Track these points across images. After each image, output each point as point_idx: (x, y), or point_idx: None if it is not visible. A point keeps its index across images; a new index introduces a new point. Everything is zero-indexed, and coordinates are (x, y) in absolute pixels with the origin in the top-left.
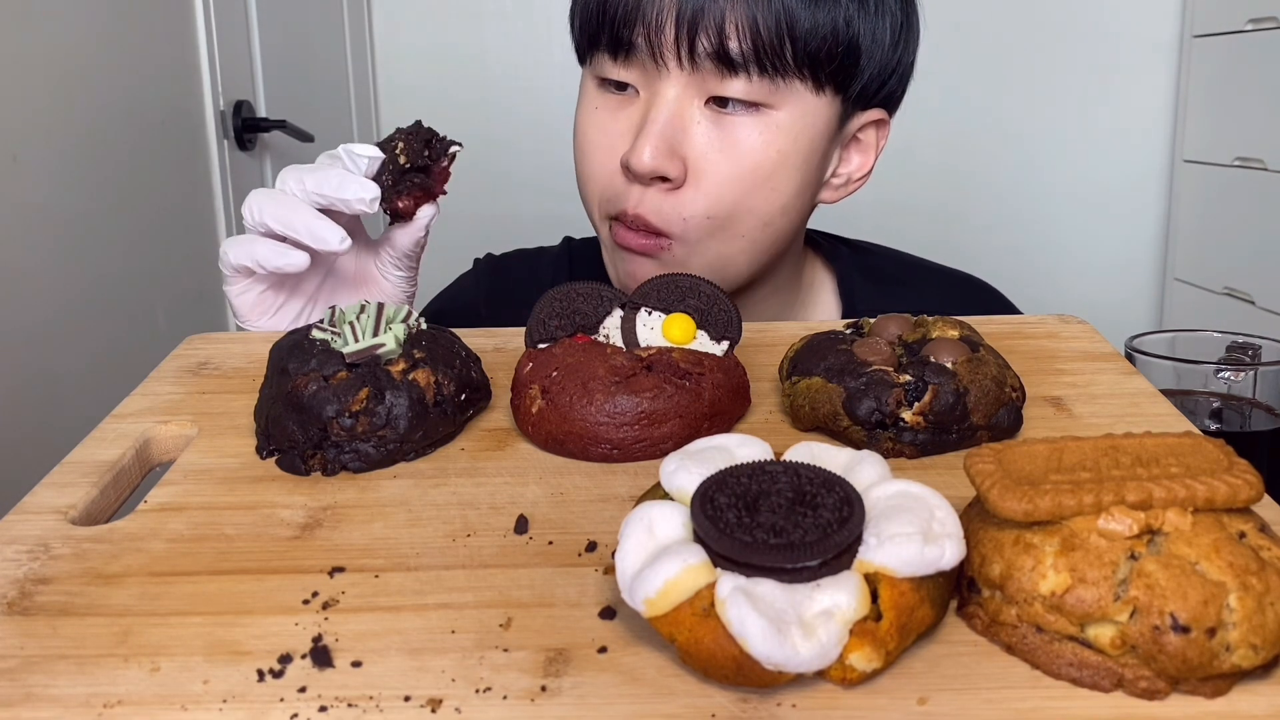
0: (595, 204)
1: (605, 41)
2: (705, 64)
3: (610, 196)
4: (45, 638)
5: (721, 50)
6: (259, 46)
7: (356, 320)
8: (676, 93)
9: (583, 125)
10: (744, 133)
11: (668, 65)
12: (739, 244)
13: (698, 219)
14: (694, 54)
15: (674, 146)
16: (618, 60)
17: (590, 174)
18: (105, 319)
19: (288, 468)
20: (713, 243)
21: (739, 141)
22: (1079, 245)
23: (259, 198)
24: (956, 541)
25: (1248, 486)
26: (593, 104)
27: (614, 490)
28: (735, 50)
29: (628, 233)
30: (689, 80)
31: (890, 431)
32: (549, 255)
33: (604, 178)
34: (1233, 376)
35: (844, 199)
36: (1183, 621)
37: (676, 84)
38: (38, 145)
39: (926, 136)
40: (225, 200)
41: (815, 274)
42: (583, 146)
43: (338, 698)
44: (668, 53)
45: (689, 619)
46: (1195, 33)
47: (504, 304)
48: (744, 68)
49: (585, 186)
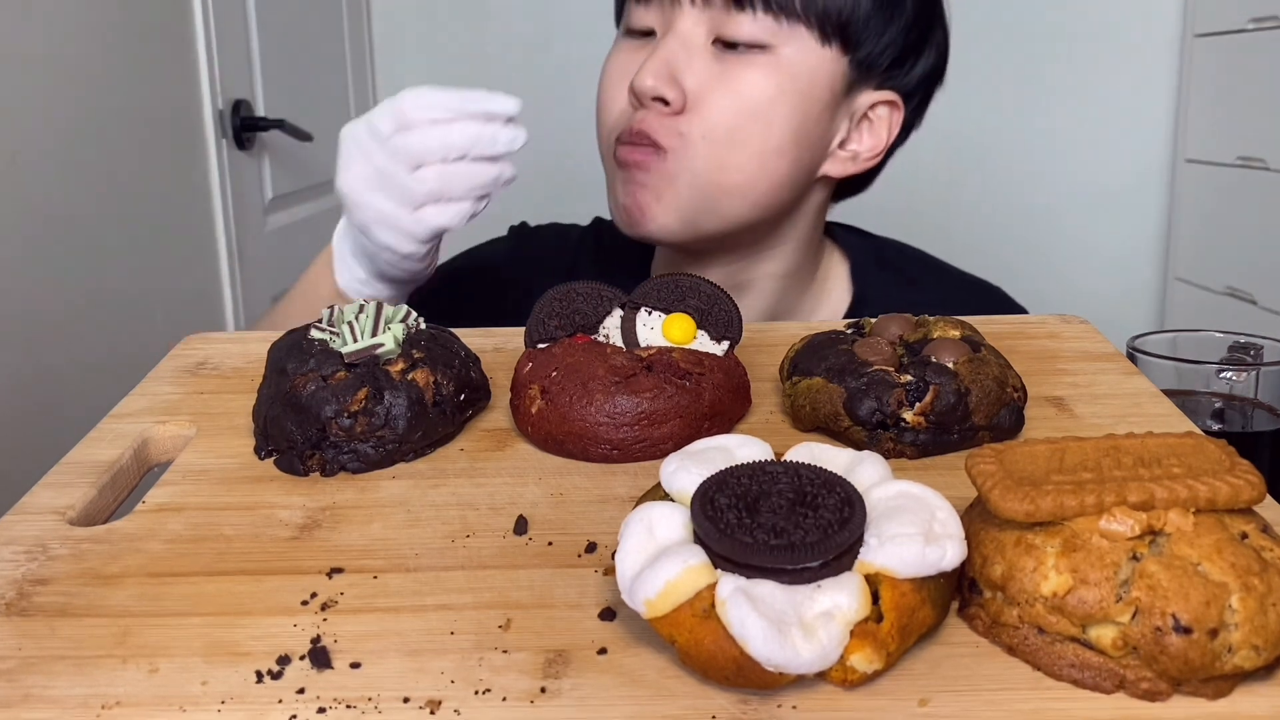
0: (606, 134)
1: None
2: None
3: (619, 125)
4: (44, 638)
5: None
6: (258, 46)
7: (355, 320)
8: (688, 27)
9: (606, 66)
10: (745, 70)
11: (680, 1)
12: (735, 177)
13: (694, 138)
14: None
15: (674, 73)
16: (640, 2)
17: (603, 105)
18: (103, 318)
19: (286, 468)
20: (709, 169)
21: (740, 77)
22: (1080, 245)
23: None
24: (958, 542)
25: (1250, 487)
26: (619, 50)
27: (614, 491)
28: None
29: (627, 147)
30: (700, 16)
31: (891, 432)
32: (579, 231)
33: (616, 109)
34: (1234, 377)
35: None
36: (1184, 622)
37: (688, 19)
38: (37, 145)
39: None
40: (224, 199)
41: (831, 262)
42: (602, 82)
43: (336, 699)
44: None
45: (689, 620)
46: (1197, 32)
47: (527, 266)
48: (751, 4)
49: (600, 119)
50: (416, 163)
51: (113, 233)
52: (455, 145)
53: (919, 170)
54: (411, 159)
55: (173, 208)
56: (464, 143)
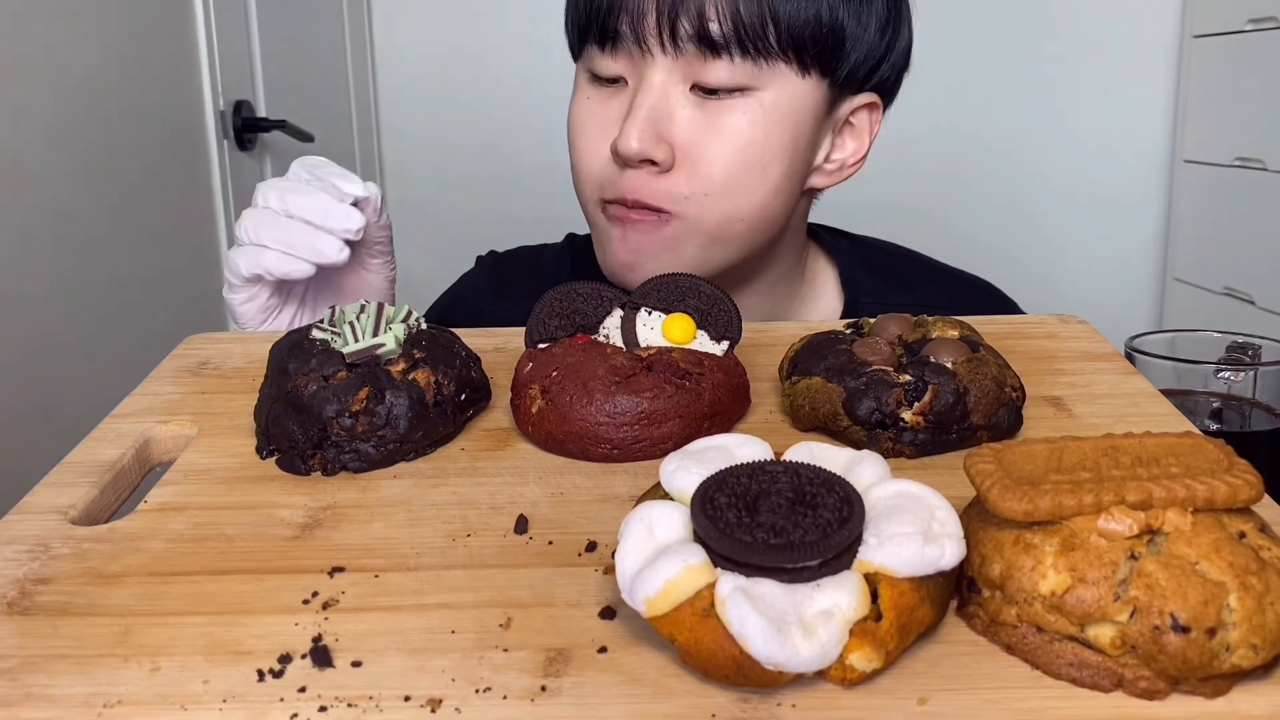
0: (588, 190)
1: (594, 33)
2: (688, 47)
3: (604, 183)
4: (45, 638)
5: (703, 32)
6: (259, 46)
7: (356, 320)
8: (662, 78)
9: (575, 116)
10: (730, 115)
11: (652, 51)
12: (738, 226)
13: (694, 197)
14: (675, 37)
15: (660, 131)
16: (605, 50)
17: (582, 161)
18: (105, 318)
19: (288, 468)
20: (711, 223)
21: (726, 124)
22: (1079, 245)
23: (253, 220)
24: (956, 541)
25: (1248, 486)
26: (584, 95)
27: (614, 490)
28: (716, 32)
29: (620, 208)
30: (673, 66)
31: (890, 431)
32: (552, 252)
33: (596, 165)
34: (1233, 376)
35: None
36: (1183, 621)
37: (662, 69)
38: (38, 145)
39: (926, 136)
40: (225, 200)
41: (817, 267)
42: (575, 136)
43: (338, 698)
44: (650, 37)
45: (689, 619)
46: (1195, 33)
47: (507, 301)
48: (726, 49)
49: (578, 173)
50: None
51: (114, 234)
52: (293, 205)
53: (918, 170)
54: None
55: (174, 208)
56: (298, 205)
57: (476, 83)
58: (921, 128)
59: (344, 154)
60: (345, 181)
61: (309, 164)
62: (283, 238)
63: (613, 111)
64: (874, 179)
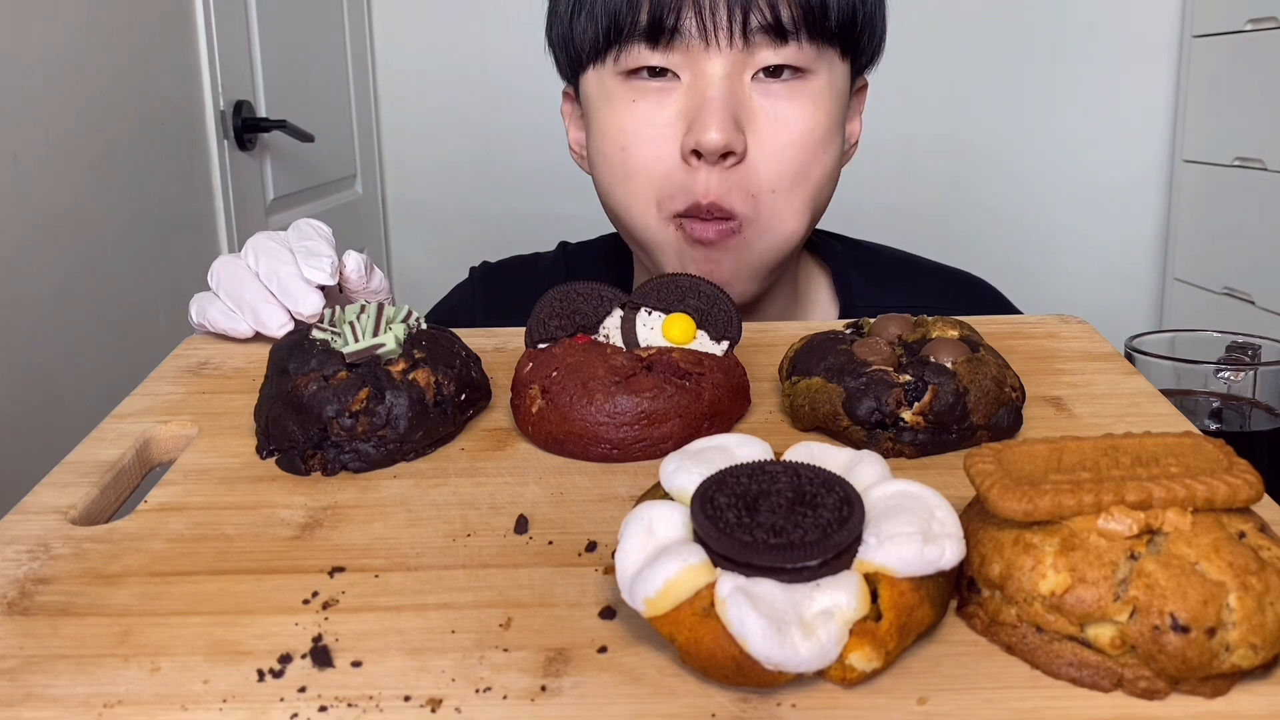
0: (653, 203)
1: (644, 29)
2: (757, 37)
3: (673, 192)
4: (45, 638)
5: (775, 22)
6: (259, 46)
7: (356, 320)
8: (726, 69)
9: (620, 122)
10: (792, 102)
11: (719, 43)
12: (804, 219)
13: (763, 193)
14: (747, 29)
15: (737, 121)
16: (658, 47)
17: (643, 168)
18: (105, 319)
19: (288, 468)
20: (781, 223)
21: (789, 110)
22: (1079, 245)
23: (222, 266)
24: (956, 541)
25: (1247, 486)
26: (628, 97)
27: (614, 490)
28: (788, 19)
29: (702, 225)
30: (737, 56)
31: (890, 431)
32: (545, 261)
33: (660, 172)
34: (1232, 376)
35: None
36: (1182, 621)
37: (725, 60)
38: (38, 145)
39: (926, 136)
40: (225, 200)
41: (810, 272)
42: (632, 143)
43: (338, 697)
44: (720, 32)
45: (689, 619)
46: (1195, 33)
47: (501, 311)
48: (795, 35)
49: (636, 184)
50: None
51: (114, 234)
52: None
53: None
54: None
55: (174, 208)
56: (265, 271)
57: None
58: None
59: (344, 154)
60: (312, 262)
61: (303, 230)
62: (237, 296)
63: (669, 111)
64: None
